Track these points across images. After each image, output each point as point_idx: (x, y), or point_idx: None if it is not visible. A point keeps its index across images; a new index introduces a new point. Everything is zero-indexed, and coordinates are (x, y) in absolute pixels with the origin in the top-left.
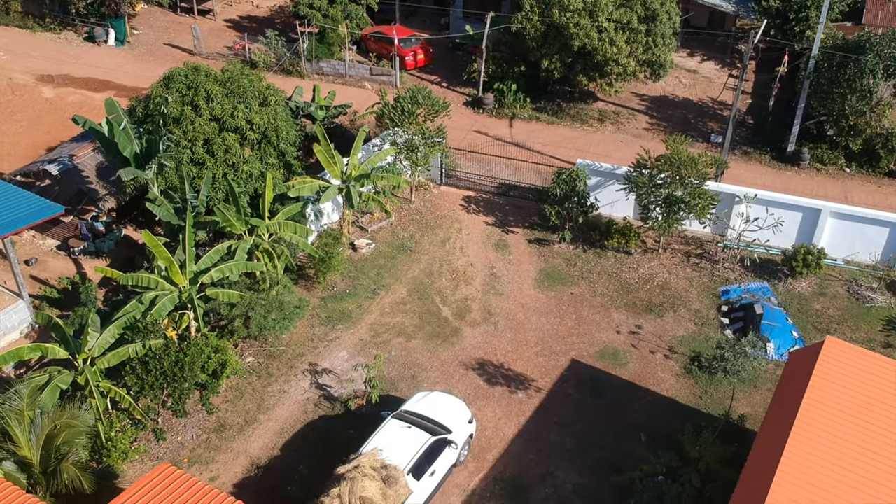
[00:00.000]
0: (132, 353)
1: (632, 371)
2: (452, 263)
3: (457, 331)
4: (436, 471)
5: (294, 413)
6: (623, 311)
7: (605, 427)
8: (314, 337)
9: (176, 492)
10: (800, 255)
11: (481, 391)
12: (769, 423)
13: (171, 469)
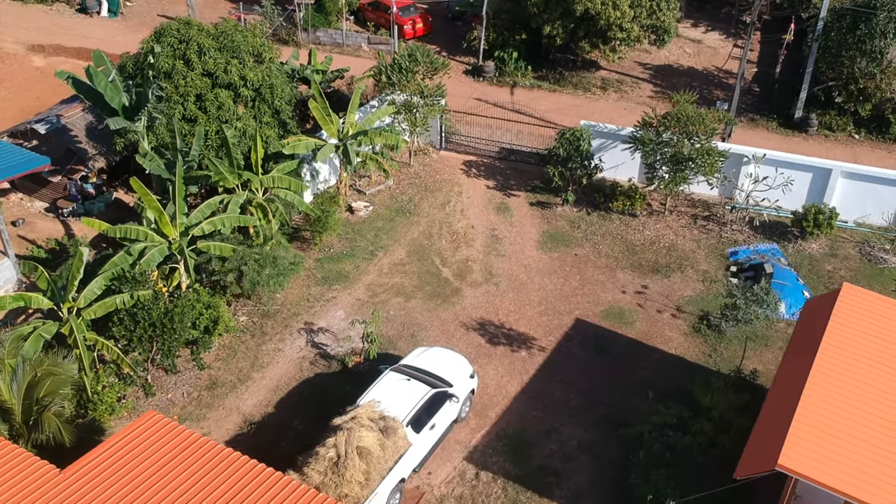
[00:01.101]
0: (119, 304)
1: (638, 330)
2: (452, 226)
3: (457, 291)
4: (436, 424)
5: (289, 371)
6: (629, 271)
7: (611, 384)
8: (310, 297)
9: (163, 439)
10: (810, 215)
11: (483, 350)
12: (785, 370)
13: (158, 417)
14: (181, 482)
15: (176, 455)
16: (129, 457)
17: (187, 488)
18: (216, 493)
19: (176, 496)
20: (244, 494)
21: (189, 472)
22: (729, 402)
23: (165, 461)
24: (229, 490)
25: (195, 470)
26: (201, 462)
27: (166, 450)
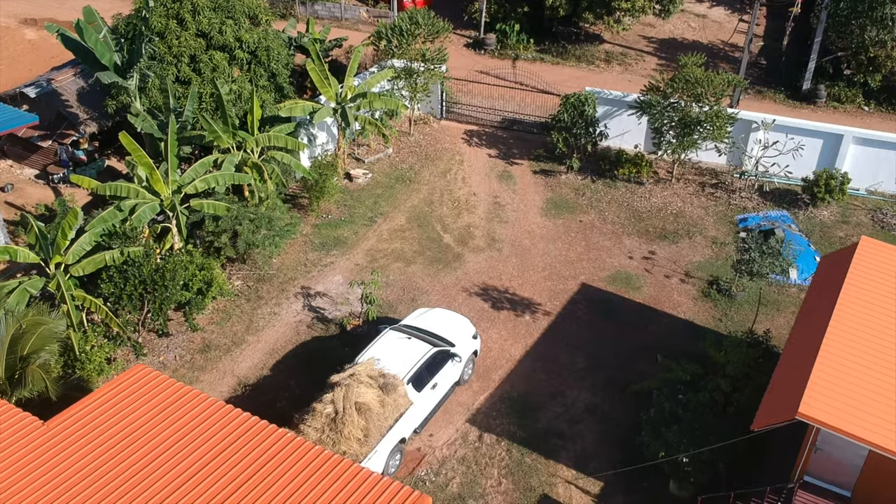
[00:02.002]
0: (109, 260)
1: (646, 294)
2: (454, 193)
3: (459, 256)
4: (438, 384)
5: (285, 334)
6: (635, 237)
7: (618, 348)
8: (307, 262)
9: (153, 391)
10: (822, 181)
11: (486, 314)
12: (803, 322)
13: (148, 370)
14: (171, 434)
15: (166, 407)
16: (117, 409)
17: (178, 440)
18: (207, 444)
19: (165, 448)
20: (237, 446)
21: (180, 423)
22: (743, 358)
23: (155, 413)
24: (222, 442)
25: (187, 422)
26: (193, 414)
27: (156, 402)
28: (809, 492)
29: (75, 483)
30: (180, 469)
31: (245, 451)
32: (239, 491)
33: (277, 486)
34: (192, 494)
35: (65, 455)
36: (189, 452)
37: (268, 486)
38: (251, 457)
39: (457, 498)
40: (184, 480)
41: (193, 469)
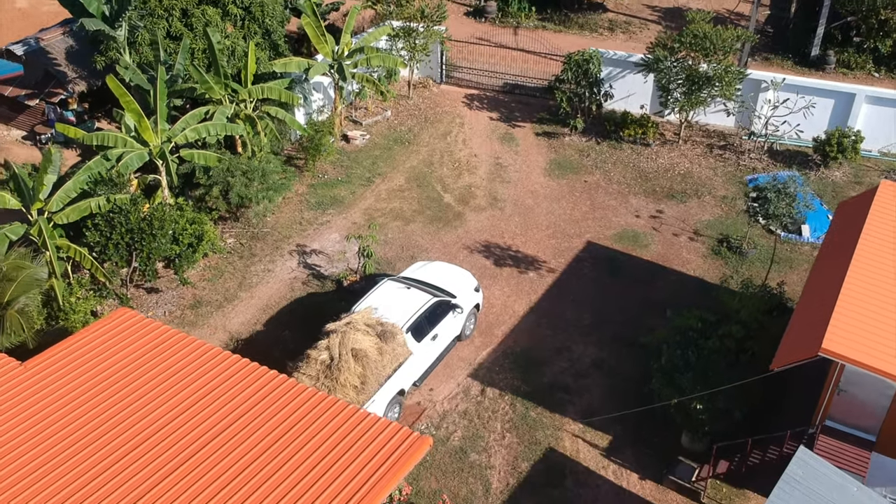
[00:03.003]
0: (94, 208)
1: (654, 252)
2: (454, 154)
3: (460, 215)
4: (438, 335)
5: (279, 290)
6: (642, 197)
7: (625, 304)
8: (302, 220)
9: (138, 334)
10: (834, 139)
11: (488, 271)
12: (822, 263)
13: (132, 313)
14: (156, 374)
15: (152, 349)
16: (99, 350)
17: (163, 381)
18: (194, 385)
19: (149, 388)
20: (226, 388)
21: (166, 365)
22: (757, 305)
23: (139, 354)
24: (210, 383)
25: (172, 363)
26: (180, 356)
27: (141, 343)
28: (832, 436)
29: (52, 423)
30: (165, 409)
31: (234, 392)
32: (226, 431)
33: (268, 427)
34: (177, 434)
35: (42, 395)
36: (174, 393)
37: (258, 427)
38: (241, 398)
39: (458, 451)
40: (168, 421)
41: (179, 410)
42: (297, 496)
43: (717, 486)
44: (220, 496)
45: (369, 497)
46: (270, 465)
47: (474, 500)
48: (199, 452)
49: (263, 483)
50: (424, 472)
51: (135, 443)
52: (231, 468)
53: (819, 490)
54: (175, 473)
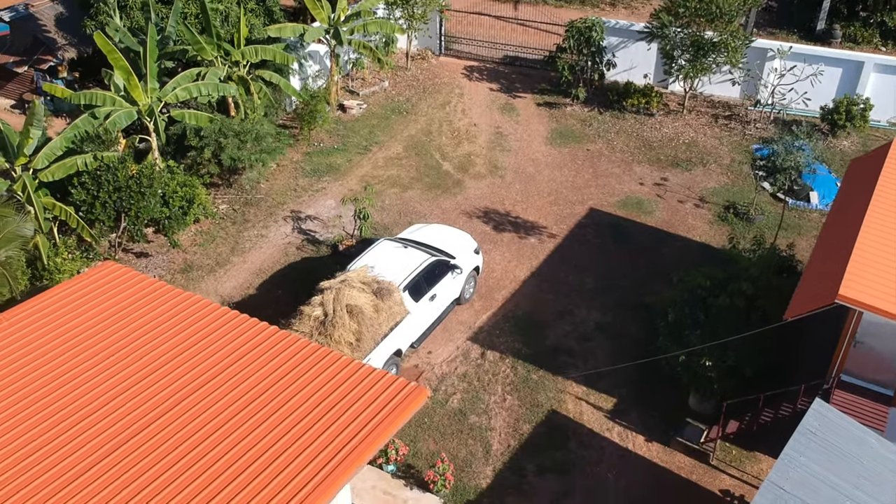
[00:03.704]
0: (81, 165)
1: (658, 218)
2: (454, 124)
3: (459, 182)
4: (437, 296)
5: (273, 255)
6: (646, 165)
7: (630, 269)
8: (297, 187)
9: (124, 286)
10: (842, 107)
11: (488, 236)
12: (836, 217)
13: (117, 266)
14: (142, 325)
15: (137, 300)
16: (83, 301)
17: (148, 331)
18: (181, 336)
19: (134, 338)
20: (214, 338)
21: (152, 316)
22: (768, 261)
23: (125, 305)
24: (197, 333)
25: (159, 314)
26: (167, 307)
27: (126, 295)
28: (848, 391)
29: (32, 373)
30: (150, 359)
31: (223, 343)
32: (213, 381)
33: (258, 376)
34: (161, 384)
35: (22, 345)
36: (160, 343)
37: (246, 376)
38: (229, 348)
39: (457, 413)
40: (153, 370)
41: (164, 359)
42: (287, 445)
43: (727, 448)
44: (205, 443)
45: (363, 446)
46: (259, 414)
47: (474, 461)
48: (184, 401)
49: (251, 432)
50: (422, 434)
51: (118, 391)
52: (217, 417)
53: (837, 443)
54: (160, 421)
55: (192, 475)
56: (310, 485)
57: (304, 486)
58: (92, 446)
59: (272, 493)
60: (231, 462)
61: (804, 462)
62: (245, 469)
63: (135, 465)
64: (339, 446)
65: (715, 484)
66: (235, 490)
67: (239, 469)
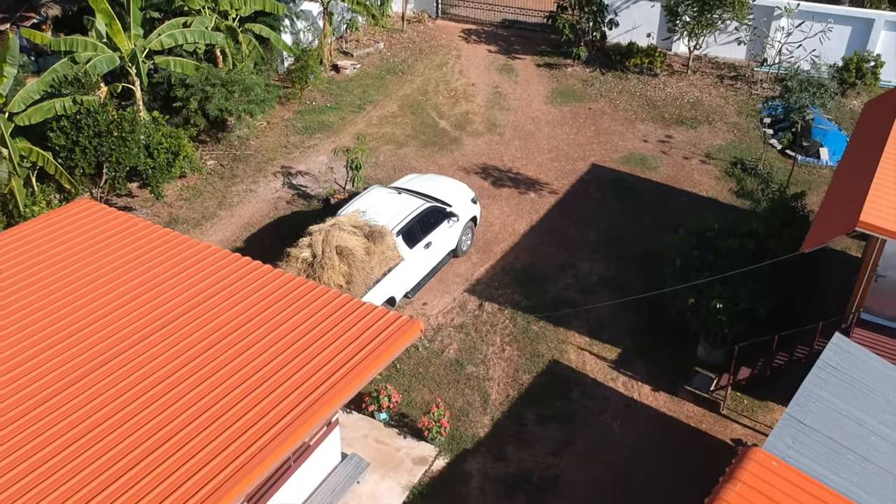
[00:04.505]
0: (60, 109)
1: (663, 174)
2: (451, 84)
3: (456, 140)
4: (432, 243)
5: (262, 209)
6: (650, 123)
7: (634, 223)
8: (288, 144)
9: (100, 221)
10: (852, 65)
11: (486, 191)
12: (852, 155)
13: (93, 203)
14: (118, 258)
15: (113, 235)
16: (55, 235)
17: (125, 264)
18: (159, 269)
19: (110, 270)
20: (195, 271)
21: (129, 250)
22: (781, 202)
23: (101, 240)
24: (176, 267)
25: (136, 248)
26: (144, 242)
27: (102, 230)
28: (868, 329)
29: None
30: (127, 290)
31: (203, 276)
32: (193, 311)
33: (240, 308)
34: (139, 313)
35: None
36: (139, 274)
37: (228, 308)
38: (209, 281)
39: (454, 363)
40: (130, 300)
41: (142, 290)
42: (271, 372)
43: (738, 397)
44: (183, 371)
45: (351, 375)
46: (240, 343)
47: (471, 411)
48: (161, 331)
49: (232, 360)
50: (416, 384)
51: (95, 319)
52: (196, 346)
53: (860, 378)
54: (135, 349)
55: (167, 401)
56: (295, 410)
57: (289, 412)
58: (64, 371)
59: (256, 418)
60: (209, 390)
61: (825, 397)
62: (226, 395)
63: (107, 392)
64: (326, 375)
65: (726, 433)
66: (214, 416)
67: (218, 396)
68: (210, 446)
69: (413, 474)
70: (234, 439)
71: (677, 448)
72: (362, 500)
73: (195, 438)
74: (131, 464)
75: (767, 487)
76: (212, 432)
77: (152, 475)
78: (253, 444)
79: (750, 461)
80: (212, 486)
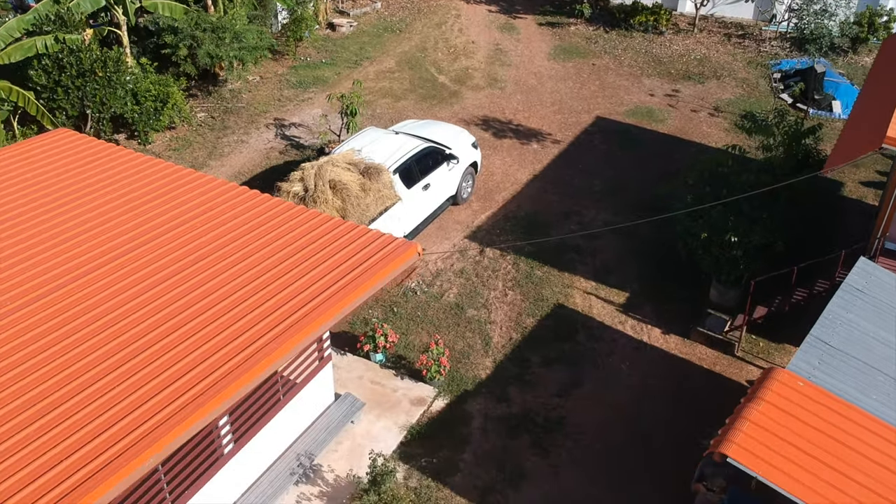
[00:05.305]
0: (41, 47)
1: (671, 126)
2: (450, 41)
3: (456, 93)
4: (431, 186)
5: (253, 159)
6: (656, 78)
7: (641, 172)
8: (282, 97)
9: (79, 149)
10: (864, 20)
11: (487, 142)
12: (873, 83)
13: (72, 133)
14: (98, 182)
15: (94, 160)
16: (35, 158)
17: (104, 187)
18: (145, 189)
19: (85, 193)
20: (179, 194)
21: (107, 175)
22: (798, 133)
23: (80, 165)
24: (163, 188)
25: (123, 170)
26: (129, 165)
27: (82, 156)
28: (892, 258)
29: None
30: (110, 208)
31: (190, 197)
32: (173, 232)
33: (227, 227)
34: (121, 230)
35: None
36: (122, 195)
37: (215, 227)
38: (197, 202)
39: (454, 307)
40: (113, 218)
41: (125, 209)
42: (257, 289)
43: (753, 340)
44: (161, 287)
45: (346, 290)
46: (225, 262)
47: (472, 353)
48: (140, 249)
49: (213, 279)
50: (414, 327)
51: (74, 235)
52: (179, 262)
53: (887, 300)
54: (115, 263)
55: (148, 312)
56: (286, 323)
57: (279, 324)
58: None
59: (244, 328)
60: (191, 304)
61: (852, 319)
62: (210, 308)
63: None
64: (319, 289)
65: (741, 375)
66: (198, 327)
67: (202, 309)
68: (195, 353)
69: (411, 415)
70: (221, 347)
71: (689, 390)
72: (357, 440)
73: (180, 345)
74: (111, 368)
75: (794, 407)
76: (195, 342)
77: (133, 379)
78: (241, 351)
79: (774, 381)
80: (196, 392)
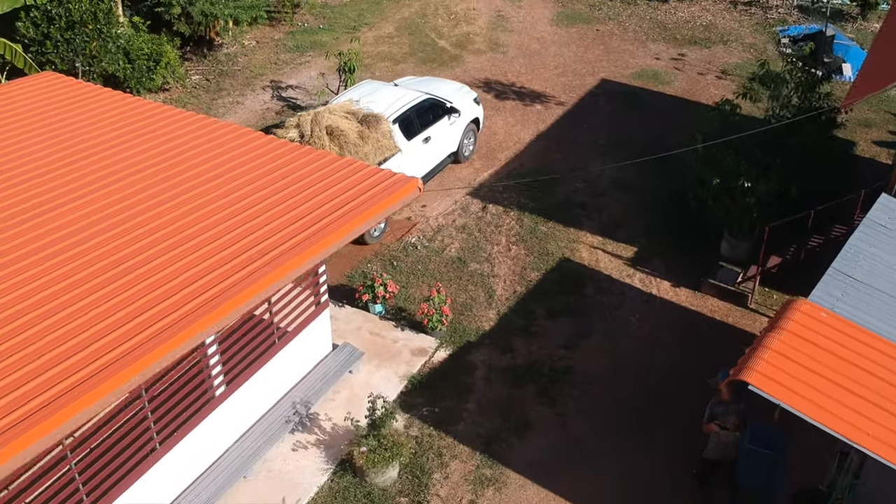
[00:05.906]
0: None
1: (678, 88)
2: (450, 8)
3: (457, 57)
4: (431, 138)
5: (249, 120)
6: (661, 43)
7: (648, 131)
8: (278, 61)
9: (66, 90)
10: None
11: (490, 103)
12: (888, 30)
13: (58, 75)
14: (93, 116)
15: (83, 99)
16: (19, 98)
17: (99, 122)
18: (135, 127)
19: (74, 132)
20: (177, 128)
21: (103, 109)
22: (810, 80)
23: (68, 102)
24: (152, 126)
25: (110, 110)
26: (120, 106)
27: (71, 95)
28: None
29: None
30: (101, 140)
31: (185, 132)
32: (163, 165)
33: (222, 160)
34: (112, 160)
35: None
36: (104, 133)
37: (209, 160)
38: (189, 137)
39: (456, 261)
40: (104, 150)
41: (117, 143)
42: (251, 217)
43: (766, 292)
44: (149, 214)
45: (343, 220)
46: (217, 192)
47: (475, 305)
48: (129, 179)
49: (209, 205)
50: (415, 280)
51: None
52: (168, 193)
53: None
54: (105, 191)
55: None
56: (280, 248)
57: (272, 250)
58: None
59: (236, 253)
60: (185, 228)
61: (875, 253)
62: (198, 235)
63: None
64: (317, 218)
65: (755, 326)
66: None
67: (190, 236)
68: (188, 273)
69: (411, 365)
70: (216, 268)
71: (700, 341)
72: (355, 390)
73: (171, 266)
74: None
75: (817, 336)
76: (188, 262)
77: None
78: (236, 273)
79: (796, 311)
80: (187, 309)
